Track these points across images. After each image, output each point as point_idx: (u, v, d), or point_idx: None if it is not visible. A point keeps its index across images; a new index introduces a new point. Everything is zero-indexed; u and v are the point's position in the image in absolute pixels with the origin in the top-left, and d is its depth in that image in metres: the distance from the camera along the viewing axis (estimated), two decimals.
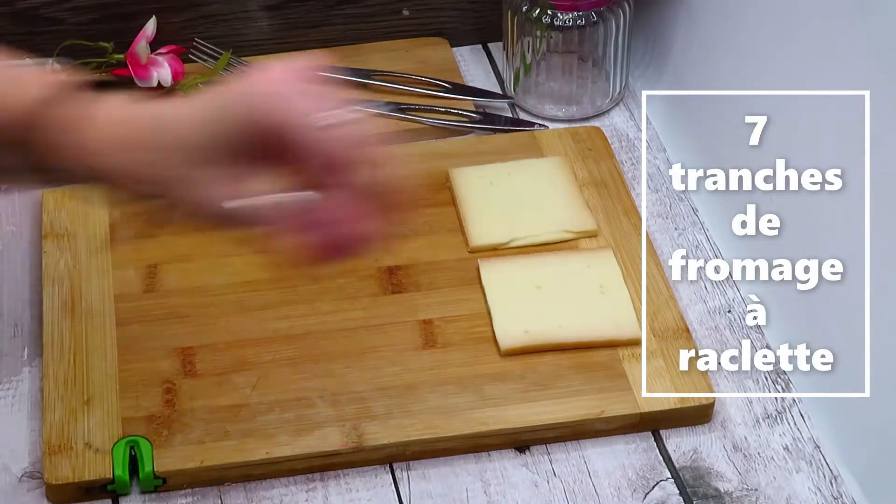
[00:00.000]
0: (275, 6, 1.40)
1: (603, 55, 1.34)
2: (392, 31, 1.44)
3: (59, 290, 1.17)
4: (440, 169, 1.28)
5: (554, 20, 1.32)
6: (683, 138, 1.34)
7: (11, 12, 1.35)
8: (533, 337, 1.13)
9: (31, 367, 1.14)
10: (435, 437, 1.07)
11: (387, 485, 1.07)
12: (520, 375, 1.11)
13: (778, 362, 1.15)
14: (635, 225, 1.23)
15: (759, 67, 1.19)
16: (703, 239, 1.25)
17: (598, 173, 1.28)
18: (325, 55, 1.41)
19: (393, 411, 1.09)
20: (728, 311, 1.19)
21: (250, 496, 1.06)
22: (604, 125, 1.35)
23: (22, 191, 1.27)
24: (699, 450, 1.09)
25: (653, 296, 1.17)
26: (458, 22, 1.45)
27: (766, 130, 1.20)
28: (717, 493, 1.06)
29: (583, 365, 1.12)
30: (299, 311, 1.15)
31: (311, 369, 1.12)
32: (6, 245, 1.24)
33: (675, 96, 1.36)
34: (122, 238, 1.21)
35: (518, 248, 1.21)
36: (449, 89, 1.38)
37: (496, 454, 1.08)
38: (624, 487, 1.06)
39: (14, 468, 1.07)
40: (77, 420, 1.07)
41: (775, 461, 1.08)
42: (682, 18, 1.34)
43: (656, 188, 1.30)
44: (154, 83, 1.33)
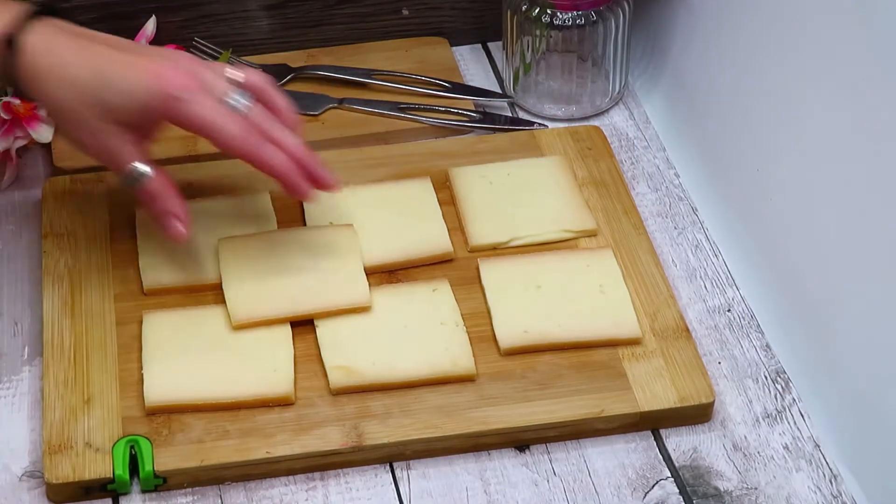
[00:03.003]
0: (275, 5, 1.40)
1: (602, 54, 1.34)
2: (392, 31, 1.44)
3: (59, 289, 1.17)
4: (440, 168, 1.28)
5: (553, 19, 1.32)
6: (683, 138, 1.34)
7: None
8: (533, 336, 1.13)
9: (31, 367, 1.14)
10: (435, 437, 1.07)
11: (387, 484, 1.07)
12: (520, 375, 1.11)
13: (778, 362, 1.15)
14: (635, 224, 1.23)
15: (758, 67, 1.19)
16: (702, 239, 1.25)
17: (597, 173, 1.28)
18: (324, 55, 1.42)
19: (393, 410, 1.09)
20: (728, 311, 1.19)
21: (250, 495, 1.06)
22: (603, 124, 1.35)
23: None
24: (699, 449, 1.09)
25: (653, 295, 1.17)
26: (457, 21, 1.45)
27: (766, 130, 1.20)
28: (717, 493, 1.06)
29: (582, 364, 1.12)
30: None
31: (311, 368, 1.12)
32: (6, 245, 1.24)
33: (675, 96, 1.36)
34: (121, 238, 1.21)
35: (518, 248, 1.21)
36: (449, 89, 1.38)
37: (496, 453, 1.08)
38: (624, 486, 1.07)
39: (14, 467, 1.07)
40: (77, 419, 1.08)
41: (775, 460, 1.08)
42: (682, 18, 1.34)
43: (656, 188, 1.30)
44: None
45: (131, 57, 1.09)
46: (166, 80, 1.08)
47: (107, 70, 1.08)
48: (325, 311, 1.14)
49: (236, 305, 1.13)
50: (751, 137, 1.22)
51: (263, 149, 1.10)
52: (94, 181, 1.26)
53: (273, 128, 1.11)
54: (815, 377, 1.13)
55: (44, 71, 1.08)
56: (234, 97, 1.10)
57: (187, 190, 1.24)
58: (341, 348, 1.12)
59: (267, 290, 1.14)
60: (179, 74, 1.08)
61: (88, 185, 1.25)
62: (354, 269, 1.16)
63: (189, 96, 1.08)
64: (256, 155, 1.10)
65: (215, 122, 1.08)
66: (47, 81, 1.08)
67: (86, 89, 1.08)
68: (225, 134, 1.09)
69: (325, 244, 1.18)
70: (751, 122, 1.22)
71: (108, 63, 1.08)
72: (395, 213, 1.22)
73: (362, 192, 1.24)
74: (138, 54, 1.10)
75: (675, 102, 1.36)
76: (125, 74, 1.08)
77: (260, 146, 1.10)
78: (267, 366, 1.10)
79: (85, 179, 1.26)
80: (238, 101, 1.10)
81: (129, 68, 1.08)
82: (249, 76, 1.12)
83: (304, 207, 1.23)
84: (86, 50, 1.09)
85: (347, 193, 1.23)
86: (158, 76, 1.08)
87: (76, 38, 1.09)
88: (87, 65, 1.08)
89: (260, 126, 1.10)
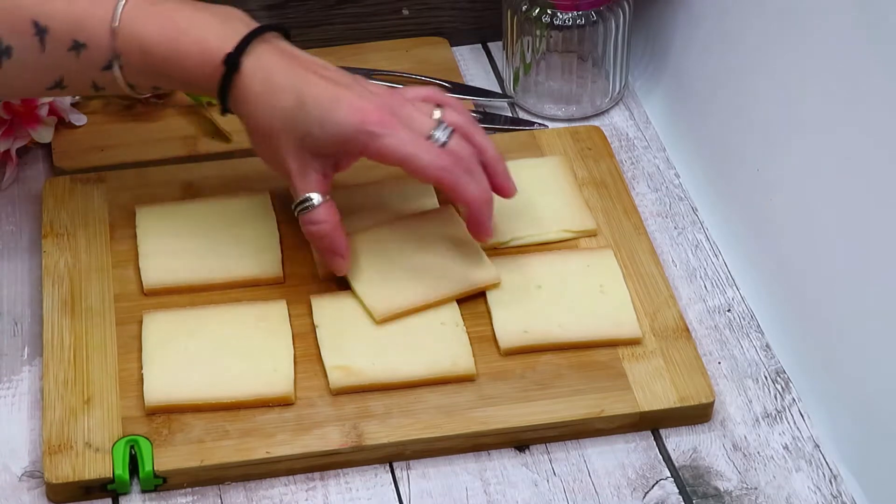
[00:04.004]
0: (275, 6, 1.40)
1: (603, 54, 1.34)
2: (392, 31, 1.44)
3: (59, 289, 1.17)
4: None
5: (554, 19, 1.32)
6: (683, 138, 1.34)
7: None
8: (533, 336, 1.13)
9: (31, 367, 1.14)
10: (435, 437, 1.07)
11: (387, 484, 1.07)
12: (519, 375, 1.11)
13: (778, 362, 1.15)
14: (635, 224, 1.23)
15: (758, 67, 1.19)
16: (702, 239, 1.25)
17: (597, 173, 1.28)
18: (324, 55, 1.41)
19: (392, 410, 1.09)
20: (728, 311, 1.19)
21: (250, 495, 1.06)
22: (603, 124, 1.35)
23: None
24: (699, 449, 1.09)
25: (653, 295, 1.17)
26: (457, 21, 1.45)
27: (766, 130, 1.20)
28: (717, 493, 1.06)
29: (582, 364, 1.12)
30: (299, 310, 1.15)
31: (311, 368, 1.12)
32: (6, 245, 1.24)
33: (675, 95, 1.36)
34: (122, 238, 1.21)
35: (518, 248, 1.21)
36: (449, 89, 1.38)
37: (496, 453, 1.08)
38: (624, 486, 1.07)
39: (14, 467, 1.07)
40: (77, 419, 1.08)
41: (775, 460, 1.08)
42: (682, 18, 1.34)
43: (656, 188, 1.30)
44: None
45: (337, 90, 1.09)
46: (367, 116, 1.08)
47: (311, 101, 1.08)
48: (459, 293, 1.15)
49: (374, 302, 1.14)
50: (751, 137, 1.22)
51: (461, 178, 1.10)
52: (94, 181, 1.25)
53: (473, 162, 1.11)
54: (815, 377, 1.13)
55: (253, 94, 1.09)
56: (436, 132, 1.10)
57: (187, 190, 1.24)
58: (341, 348, 1.12)
59: (401, 282, 1.15)
60: (381, 112, 1.09)
61: (88, 185, 1.25)
62: (472, 249, 1.17)
63: (387, 131, 1.08)
64: (453, 181, 1.10)
65: (412, 152, 1.08)
66: (255, 105, 1.09)
67: (289, 117, 1.08)
68: (422, 161, 1.09)
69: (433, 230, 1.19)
70: (751, 122, 1.22)
71: (315, 93, 1.09)
72: (395, 213, 1.22)
73: (362, 192, 1.24)
74: (344, 87, 1.10)
75: (675, 102, 1.36)
76: (329, 107, 1.08)
77: (458, 175, 1.10)
78: (267, 366, 1.10)
79: (85, 179, 1.26)
80: (439, 136, 1.10)
81: (333, 101, 1.08)
82: (449, 115, 1.12)
83: None
84: (296, 76, 1.09)
85: (347, 193, 1.23)
86: (360, 112, 1.08)
87: (290, 62, 1.10)
88: (294, 92, 1.09)
89: (461, 158, 1.10)
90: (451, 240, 1.18)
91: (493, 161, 1.13)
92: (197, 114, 1.34)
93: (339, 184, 1.14)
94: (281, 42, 1.12)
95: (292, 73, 1.09)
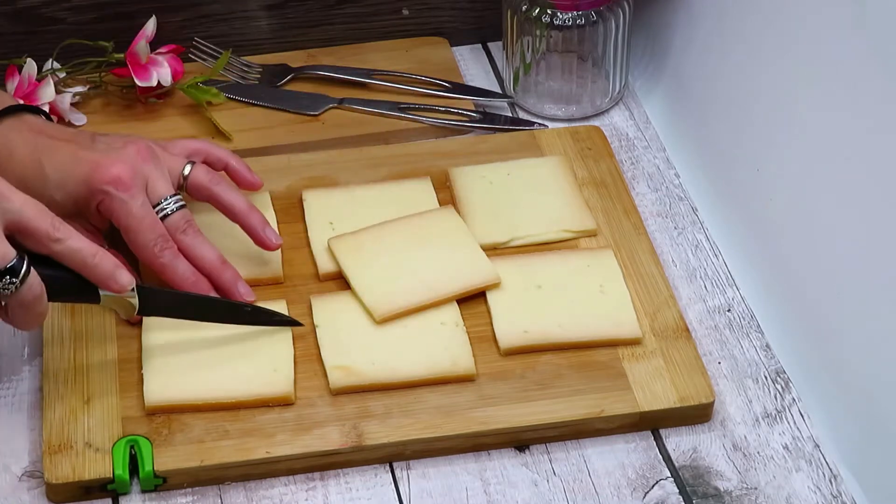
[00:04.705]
0: (275, 5, 1.40)
1: (603, 54, 1.34)
2: (392, 31, 1.44)
3: None
4: (440, 168, 1.28)
5: (554, 19, 1.32)
6: (683, 138, 1.34)
7: (11, 12, 1.35)
8: (533, 336, 1.13)
9: (31, 367, 1.14)
10: (435, 437, 1.07)
11: (387, 484, 1.07)
12: (519, 375, 1.11)
13: (778, 362, 1.15)
14: (635, 224, 1.23)
15: (758, 67, 1.19)
16: (702, 239, 1.25)
17: (597, 173, 1.28)
18: (324, 55, 1.42)
19: (392, 410, 1.09)
20: (728, 311, 1.19)
21: (250, 495, 1.06)
22: (603, 124, 1.35)
23: None
24: (699, 449, 1.09)
25: (653, 295, 1.17)
26: (457, 21, 1.45)
27: (766, 130, 1.20)
28: (717, 492, 1.06)
29: (582, 364, 1.12)
30: (299, 310, 1.15)
31: (311, 368, 1.12)
32: None
33: (675, 96, 1.36)
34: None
35: (518, 248, 1.21)
36: (449, 89, 1.38)
37: (496, 453, 1.08)
38: (623, 486, 1.07)
39: (14, 467, 1.07)
40: (77, 419, 1.07)
41: (775, 460, 1.08)
42: (682, 18, 1.34)
43: (656, 188, 1.30)
44: (154, 83, 1.33)
45: (80, 152, 1.11)
46: (101, 172, 1.10)
47: (51, 166, 1.11)
48: (459, 293, 1.15)
49: (374, 302, 1.14)
50: (751, 137, 1.22)
51: (173, 262, 1.12)
52: None
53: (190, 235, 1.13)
54: (815, 377, 1.13)
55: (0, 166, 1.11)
56: (165, 202, 1.12)
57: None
58: (341, 348, 1.12)
59: (401, 282, 1.15)
60: (118, 168, 1.10)
61: None
62: (472, 249, 1.17)
63: (118, 193, 1.10)
64: (163, 268, 1.12)
65: (134, 226, 1.11)
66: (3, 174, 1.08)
67: (30, 187, 1.09)
68: (140, 239, 1.11)
69: (433, 229, 1.19)
70: (751, 123, 1.22)
71: (56, 159, 1.11)
72: (395, 213, 1.22)
73: (362, 192, 1.24)
74: (88, 149, 1.12)
75: (675, 102, 1.36)
76: (70, 169, 1.10)
77: (170, 259, 1.12)
78: (267, 366, 1.10)
79: None
80: (166, 206, 1.12)
81: (74, 163, 1.11)
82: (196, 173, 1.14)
83: (304, 208, 1.23)
84: (38, 146, 1.11)
85: (348, 193, 1.23)
86: (95, 168, 1.10)
87: (35, 135, 1.12)
88: (34, 161, 1.11)
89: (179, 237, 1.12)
90: (451, 240, 1.19)
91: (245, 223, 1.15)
92: (197, 114, 1.34)
93: (339, 184, 1.14)
94: (36, 119, 1.14)
95: (34, 143, 1.12)
